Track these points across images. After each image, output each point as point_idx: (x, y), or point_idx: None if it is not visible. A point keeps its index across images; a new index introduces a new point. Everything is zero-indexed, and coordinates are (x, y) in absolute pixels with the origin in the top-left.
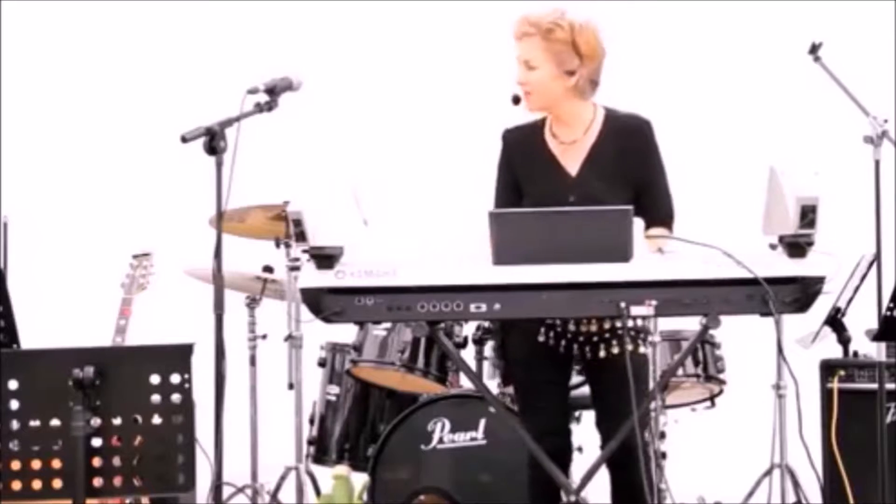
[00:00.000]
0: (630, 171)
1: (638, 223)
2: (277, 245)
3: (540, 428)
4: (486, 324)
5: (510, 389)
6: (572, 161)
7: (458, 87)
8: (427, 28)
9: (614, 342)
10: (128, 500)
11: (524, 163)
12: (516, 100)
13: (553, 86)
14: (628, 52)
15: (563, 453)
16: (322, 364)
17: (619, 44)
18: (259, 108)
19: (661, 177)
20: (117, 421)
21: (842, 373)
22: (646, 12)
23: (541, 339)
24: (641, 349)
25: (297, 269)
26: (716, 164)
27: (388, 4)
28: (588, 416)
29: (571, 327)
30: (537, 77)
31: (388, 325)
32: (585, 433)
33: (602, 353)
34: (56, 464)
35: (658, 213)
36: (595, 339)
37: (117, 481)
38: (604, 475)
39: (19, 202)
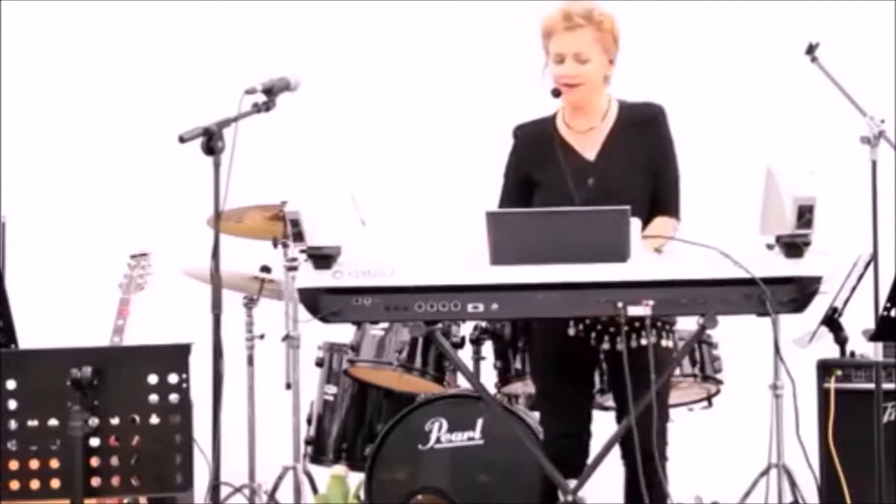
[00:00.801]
0: (645, 156)
1: (635, 223)
2: (275, 245)
3: (560, 430)
4: (484, 324)
5: (507, 389)
6: (589, 147)
7: (455, 88)
8: (424, 29)
9: (643, 332)
10: (125, 500)
11: (538, 155)
12: (557, 93)
13: (600, 76)
14: (624, 51)
15: (576, 458)
16: (319, 364)
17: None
18: (257, 108)
19: (671, 165)
20: (115, 421)
21: (839, 373)
22: (642, 12)
23: (571, 332)
24: (664, 342)
25: (294, 269)
26: (713, 165)
27: (385, 5)
28: (596, 416)
29: (603, 317)
30: (590, 69)
31: (385, 324)
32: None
33: (633, 345)
34: (54, 463)
35: (665, 201)
36: (626, 328)
37: (115, 481)
38: (600, 475)
39: (17, 202)
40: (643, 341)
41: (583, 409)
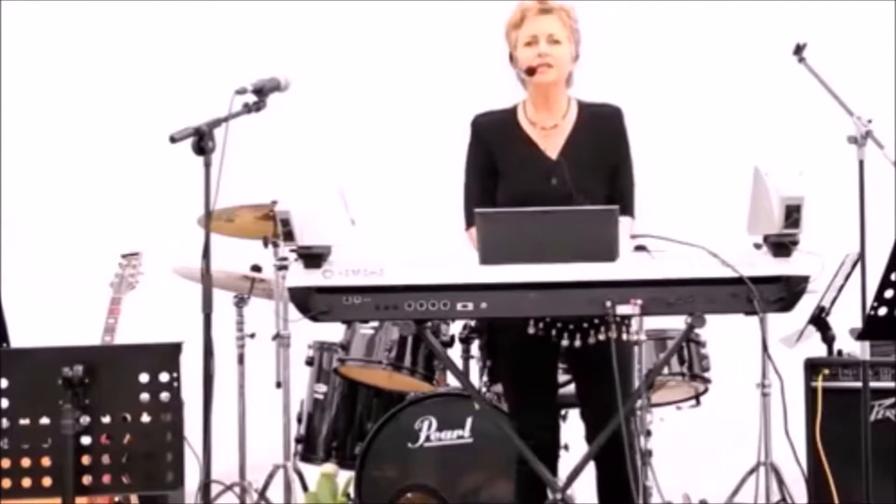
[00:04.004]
0: (606, 155)
1: (624, 222)
2: (265, 244)
3: (529, 424)
4: (473, 322)
5: (497, 388)
6: (551, 145)
7: (445, 87)
8: (414, 29)
9: (602, 328)
10: (117, 498)
11: (501, 148)
12: (531, 71)
13: (567, 66)
14: (615, 51)
15: (550, 450)
16: (310, 363)
17: (607, 43)
18: (247, 108)
19: (628, 164)
20: (106, 419)
21: (826, 371)
22: (633, 12)
23: (531, 330)
24: (624, 336)
25: (284, 268)
26: (701, 164)
27: (376, 5)
28: (574, 414)
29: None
30: (561, 52)
31: (375, 323)
32: (572, 431)
33: (591, 340)
34: (46, 462)
35: (623, 200)
36: (585, 325)
37: (106, 479)
38: (590, 473)
39: (9, 202)
40: (601, 337)
41: (548, 403)
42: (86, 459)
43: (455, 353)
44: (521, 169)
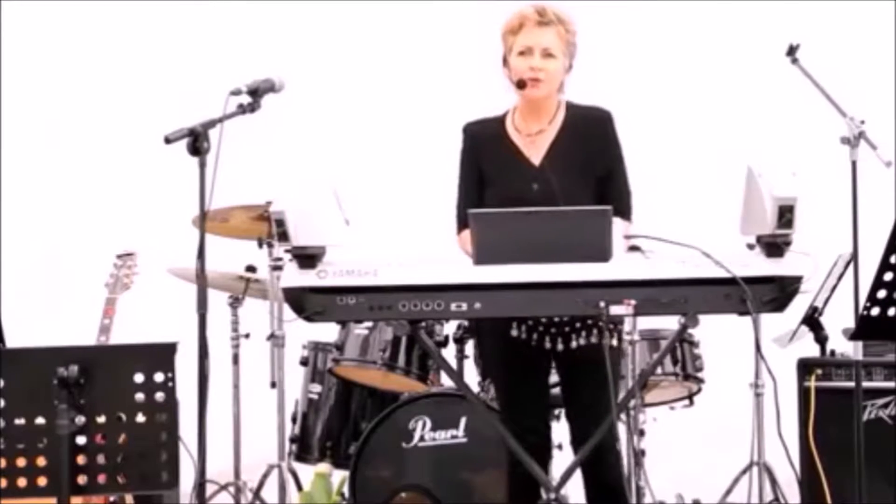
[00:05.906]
0: (592, 160)
1: (617, 223)
2: (260, 245)
3: (520, 426)
4: (467, 323)
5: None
6: (535, 152)
7: (440, 88)
8: (408, 31)
9: (584, 333)
10: (112, 498)
11: (488, 155)
12: (522, 84)
13: (558, 79)
14: (608, 51)
15: (542, 451)
16: (304, 363)
17: (599, 43)
18: (242, 109)
19: (621, 168)
20: (101, 419)
21: (819, 371)
22: (626, 13)
23: (514, 333)
24: (613, 342)
25: (279, 268)
26: (694, 165)
27: (371, 6)
28: None
29: (543, 319)
30: (554, 66)
31: (369, 324)
32: (566, 431)
33: (573, 344)
34: (41, 462)
35: (618, 204)
36: (567, 329)
37: (101, 479)
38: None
39: (4, 202)
40: (582, 341)
41: (539, 405)
42: (81, 459)
43: (449, 353)
44: (505, 175)
